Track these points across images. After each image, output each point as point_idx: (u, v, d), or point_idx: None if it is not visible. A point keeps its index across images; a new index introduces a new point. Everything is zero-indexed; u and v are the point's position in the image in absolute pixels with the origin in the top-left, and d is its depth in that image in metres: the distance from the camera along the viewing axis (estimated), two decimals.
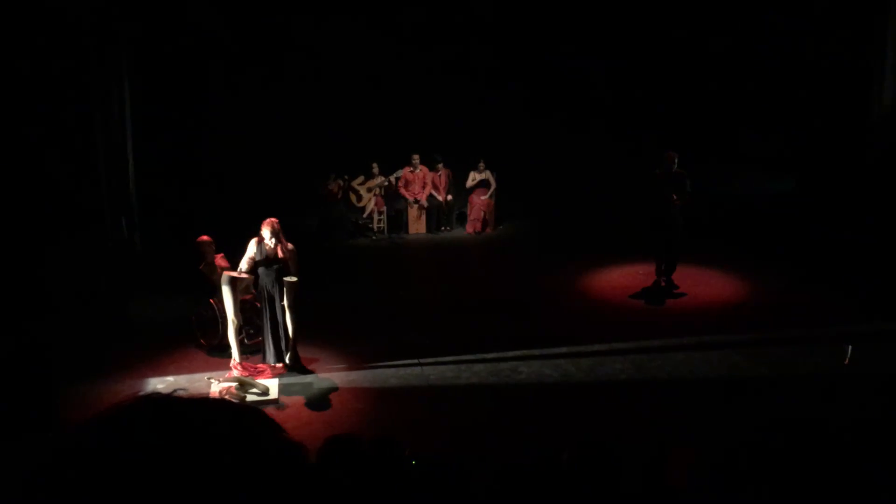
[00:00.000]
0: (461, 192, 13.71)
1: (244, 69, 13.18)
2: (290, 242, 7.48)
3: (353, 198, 13.51)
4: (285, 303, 7.43)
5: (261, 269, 7.38)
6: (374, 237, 13.39)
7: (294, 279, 7.34)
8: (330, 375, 7.61)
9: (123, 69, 10.01)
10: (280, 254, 7.36)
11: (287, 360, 7.58)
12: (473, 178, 13.50)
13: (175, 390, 7.02)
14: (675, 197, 9.36)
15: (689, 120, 14.04)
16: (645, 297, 9.72)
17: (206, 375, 7.53)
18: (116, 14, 9.85)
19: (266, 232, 7.27)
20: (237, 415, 0.88)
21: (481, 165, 13.43)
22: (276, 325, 7.53)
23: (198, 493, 0.77)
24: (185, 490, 0.77)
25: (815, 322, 8.55)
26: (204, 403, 0.88)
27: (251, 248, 7.37)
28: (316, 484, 0.91)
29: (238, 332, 7.68)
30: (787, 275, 10.25)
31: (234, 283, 7.60)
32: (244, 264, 7.36)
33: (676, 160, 9.48)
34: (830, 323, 8.44)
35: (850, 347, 7.38)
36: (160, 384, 7.45)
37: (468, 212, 13.65)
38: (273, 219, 7.35)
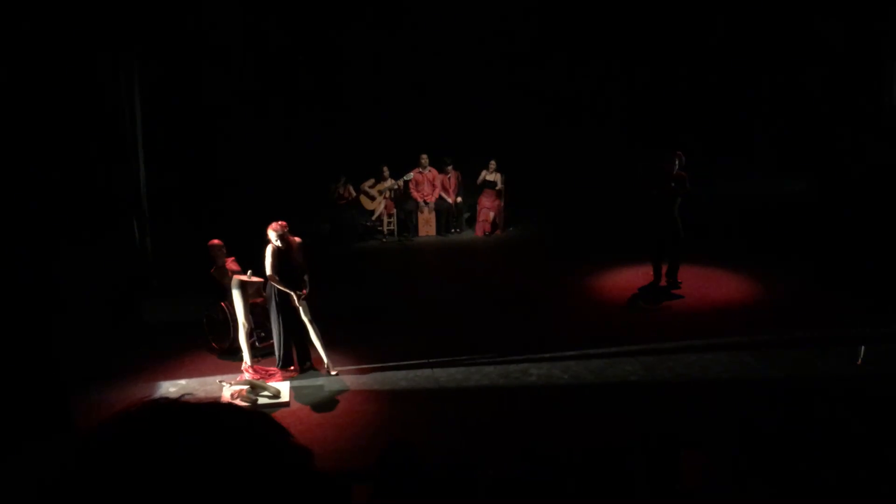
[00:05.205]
0: (471, 194, 13.69)
1: (254, 75, 13.24)
2: (297, 236, 7.58)
3: (364, 200, 13.53)
4: (303, 315, 7.50)
5: (284, 276, 7.40)
6: (383, 240, 13.41)
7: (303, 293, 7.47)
8: (340, 378, 7.62)
9: (135, 72, 10.06)
10: (297, 256, 7.44)
11: (327, 365, 7.67)
12: (484, 177, 13.45)
13: (184, 394, 7.05)
14: (677, 187, 9.28)
15: (700, 119, 14.00)
16: (642, 297, 9.71)
17: (217, 378, 7.57)
18: (129, 20, 9.91)
19: (273, 234, 7.28)
20: (244, 419, 0.89)
21: (492, 166, 13.37)
22: (289, 330, 7.57)
23: (205, 498, 0.78)
24: (193, 494, 0.78)
25: (828, 322, 8.51)
26: (212, 408, 0.88)
27: (271, 255, 7.35)
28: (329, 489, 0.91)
29: (249, 335, 7.71)
30: (800, 275, 10.18)
31: (244, 286, 7.64)
32: (269, 270, 7.36)
33: (680, 161, 9.45)
34: (843, 323, 8.40)
35: (862, 348, 7.35)
36: (172, 387, 7.49)
37: (477, 214, 13.63)
38: (276, 223, 7.37)
